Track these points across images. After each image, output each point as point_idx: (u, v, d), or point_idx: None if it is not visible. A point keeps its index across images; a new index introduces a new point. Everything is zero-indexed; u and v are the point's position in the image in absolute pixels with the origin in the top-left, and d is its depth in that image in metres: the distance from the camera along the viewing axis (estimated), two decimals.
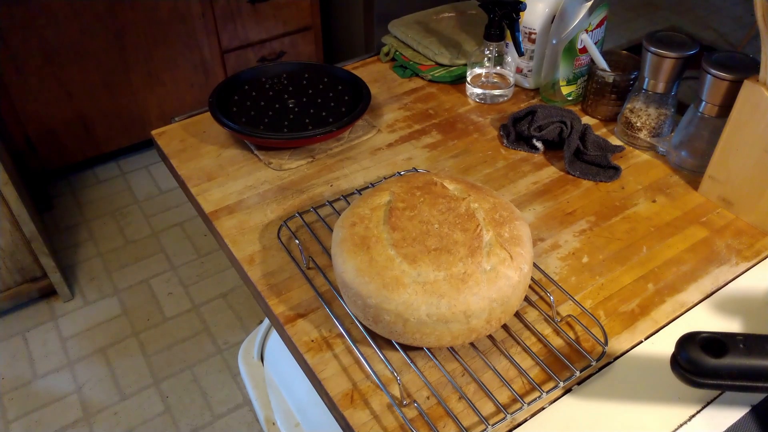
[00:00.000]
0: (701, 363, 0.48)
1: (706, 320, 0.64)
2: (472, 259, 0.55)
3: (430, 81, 1.03)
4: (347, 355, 0.60)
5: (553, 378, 0.57)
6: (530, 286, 0.66)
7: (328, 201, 0.77)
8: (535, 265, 0.67)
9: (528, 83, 0.99)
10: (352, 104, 0.92)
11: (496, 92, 0.97)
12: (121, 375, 1.55)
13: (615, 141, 0.88)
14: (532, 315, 0.64)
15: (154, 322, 1.67)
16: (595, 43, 0.91)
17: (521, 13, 0.91)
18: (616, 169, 0.82)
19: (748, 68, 0.72)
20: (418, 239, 0.57)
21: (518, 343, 0.61)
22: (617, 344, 0.61)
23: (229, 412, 1.47)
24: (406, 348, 0.59)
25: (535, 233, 0.74)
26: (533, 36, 0.93)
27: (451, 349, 0.60)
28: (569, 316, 0.63)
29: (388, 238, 0.57)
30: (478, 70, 0.97)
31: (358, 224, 0.60)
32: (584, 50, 0.90)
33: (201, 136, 0.90)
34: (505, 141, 0.88)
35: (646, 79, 0.82)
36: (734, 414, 0.55)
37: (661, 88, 0.82)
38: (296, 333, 0.62)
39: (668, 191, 0.80)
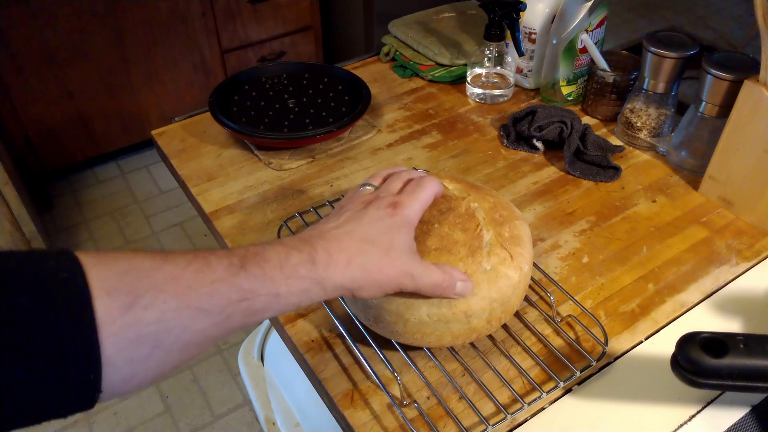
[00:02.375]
0: (701, 363, 0.48)
1: (706, 320, 0.64)
2: (473, 259, 0.55)
3: (430, 81, 1.02)
4: (347, 355, 0.60)
5: (554, 378, 0.57)
6: (530, 286, 0.66)
7: (328, 201, 0.77)
8: (535, 265, 0.67)
9: (528, 83, 0.99)
10: (352, 104, 0.92)
11: (496, 92, 0.97)
12: None
13: (615, 141, 0.88)
14: (532, 315, 0.64)
15: None
16: (595, 43, 0.91)
17: (521, 13, 0.91)
18: (616, 169, 0.82)
19: (748, 68, 0.72)
20: (418, 239, 0.57)
21: (518, 343, 0.61)
22: (617, 344, 0.61)
23: (229, 412, 1.47)
24: (406, 348, 0.59)
25: (535, 233, 0.74)
26: (533, 36, 0.93)
27: (452, 349, 0.60)
28: (569, 316, 0.63)
29: None
30: (478, 70, 0.97)
31: None
32: (584, 50, 0.90)
33: (201, 136, 0.90)
34: (505, 141, 0.88)
35: (646, 79, 0.82)
36: (734, 414, 0.55)
37: (661, 88, 0.82)
38: (296, 333, 0.62)
39: (668, 191, 0.80)
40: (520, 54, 0.93)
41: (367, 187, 0.54)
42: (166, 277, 0.36)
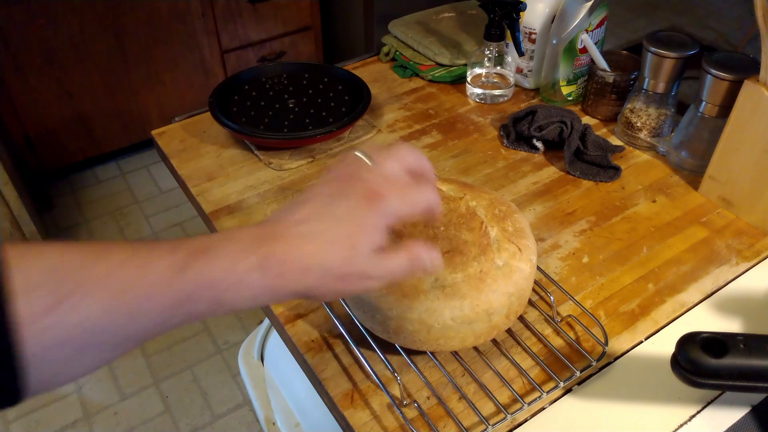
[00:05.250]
0: (701, 363, 0.48)
1: (707, 320, 0.64)
2: (485, 257, 0.55)
3: (430, 81, 1.02)
4: (347, 355, 0.60)
5: (554, 378, 0.57)
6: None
7: None
8: None
9: (528, 83, 0.99)
10: (352, 104, 0.92)
11: (496, 92, 0.97)
12: (121, 375, 1.55)
13: (615, 141, 0.88)
14: (532, 315, 0.64)
15: None
16: (596, 43, 0.91)
17: (521, 13, 0.91)
18: (617, 169, 0.82)
19: (748, 68, 0.72)
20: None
21: (518, 344, 0.61)
22: (617, 344, 0.61)
23: (229, 412, 1.47)
24: (407, 349, 0.59)
25: (535, 233, 0.74)
26: (533, 36, 0.93)
27: None
28: (569, 316, 0.63)
29: None
30: (478, 70, 0.97)
31: None
32: (584, 50, 0.90)
33: (201, 136, 0.90)
34: (505, 141, 0.88)
35: (646, 79, 0.82)
36: (734, 414, 0.55)
37: (661, 88, 0.82)
38: (296, 333, 0.62)
39: (668, 191, 0.80)
40: (520, 54, 0.93)
41: (363, 158, 0.46)
42: (98, 276, 0.34)
